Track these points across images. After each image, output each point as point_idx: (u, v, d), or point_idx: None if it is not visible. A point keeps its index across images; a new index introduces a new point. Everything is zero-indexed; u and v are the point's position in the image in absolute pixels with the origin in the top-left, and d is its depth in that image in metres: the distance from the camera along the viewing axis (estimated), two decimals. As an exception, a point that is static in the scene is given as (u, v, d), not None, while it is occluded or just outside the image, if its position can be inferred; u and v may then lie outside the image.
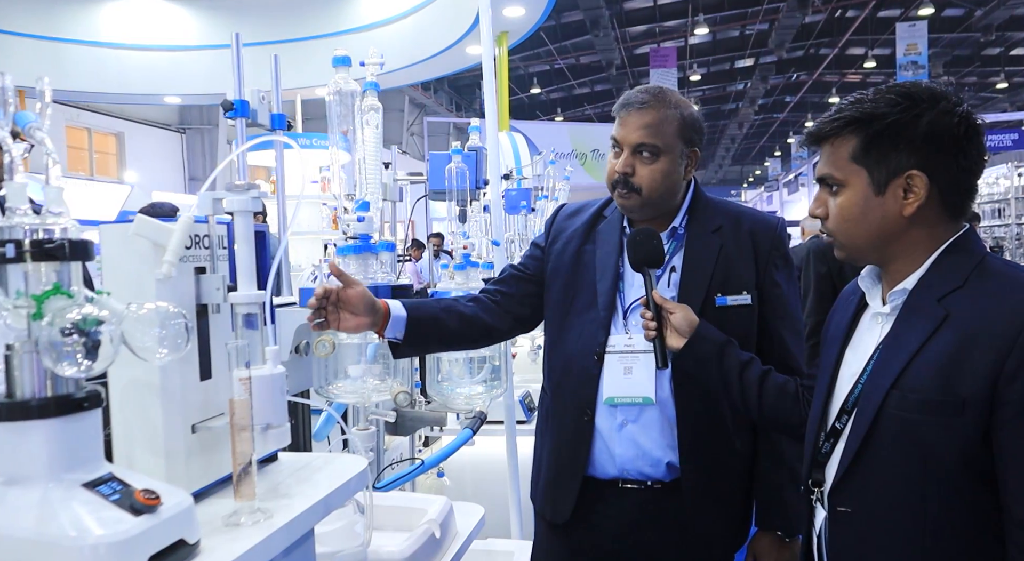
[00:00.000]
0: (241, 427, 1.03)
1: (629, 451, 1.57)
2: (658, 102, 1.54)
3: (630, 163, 1.54)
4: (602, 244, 1.64)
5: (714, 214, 1.63)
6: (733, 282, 1.56)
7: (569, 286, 1.65)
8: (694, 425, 1.55)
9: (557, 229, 1.74)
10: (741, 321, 1.55)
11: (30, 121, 0.89)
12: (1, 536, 0.77)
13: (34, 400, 0.82)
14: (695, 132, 1.59)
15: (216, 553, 0.91)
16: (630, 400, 1.56)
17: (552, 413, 1.69)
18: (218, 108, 5.36)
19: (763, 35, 18.96)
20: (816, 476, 1.24)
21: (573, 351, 1.62)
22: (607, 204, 1.70)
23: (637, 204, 1.57)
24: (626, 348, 1.56)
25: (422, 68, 8.40)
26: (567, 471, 1.62)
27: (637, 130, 1.53)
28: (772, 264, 1.59)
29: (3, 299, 0.83)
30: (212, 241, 1.14)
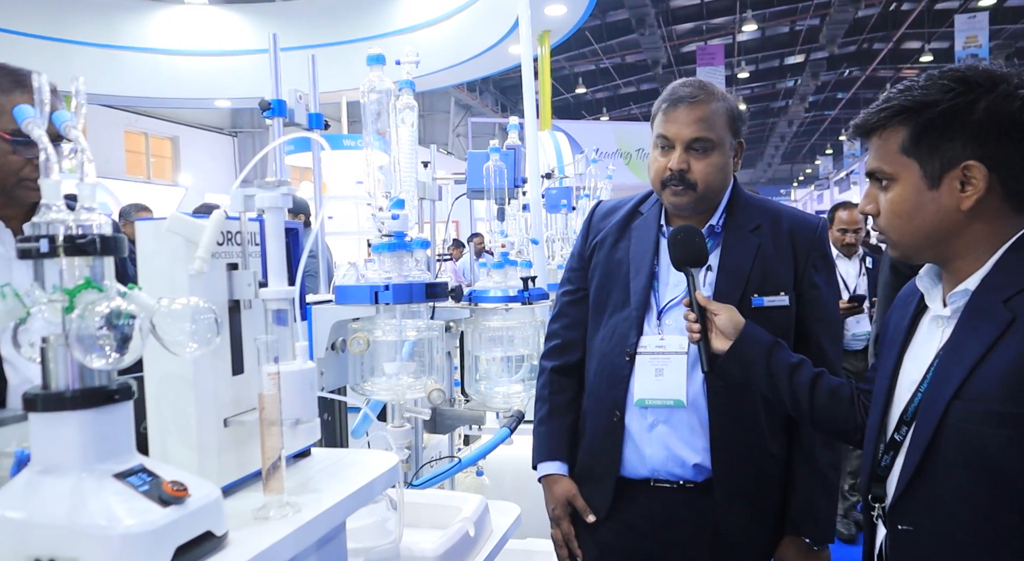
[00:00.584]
0: (270, 422, 1.04)
1: (659, 452, 1.56)
2: (707, 95, 1.53)
3: (684, 159, 1.52)
4: (637, 241, 1.63)
5: (753, 213, 1.60)
6: (771, 282, 1.54)
7: (603, 284, 1.64)
8: (727, 427, 1.53)
9: (595, 231, 1.73)
10: (778, 323, 1.52)
11: (65, 120, 0.91)
12: (35, 523, 0.79)
13: (68, 392, 0.84)
14: (741, 122, 1.59)
15: (243, 545, 0.92)
16: (661, 402, 1.54)
17: (587, 412, 1.69)
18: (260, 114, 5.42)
19: (814, 30, 18.55)
20: (876, 491, 1.18)
21: (604, 351, 1.61)
22: (643, 200, 1.69)
23: (692, 200, 1.54)
24: (658, 349, 1.55)
25: (465, 69, 8.44)
26: (599, 471, 1.63)
27: (690, 125, 1.51)
28: (812, 265, 1.56)
29: (40, 293, 0.85)
30: (244, 237, 1.15)
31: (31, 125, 0.88)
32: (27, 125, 0.88)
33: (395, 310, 1.68)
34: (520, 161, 2.52)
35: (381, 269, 1.68)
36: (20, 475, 0.85)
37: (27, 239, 0.83)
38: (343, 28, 8.13)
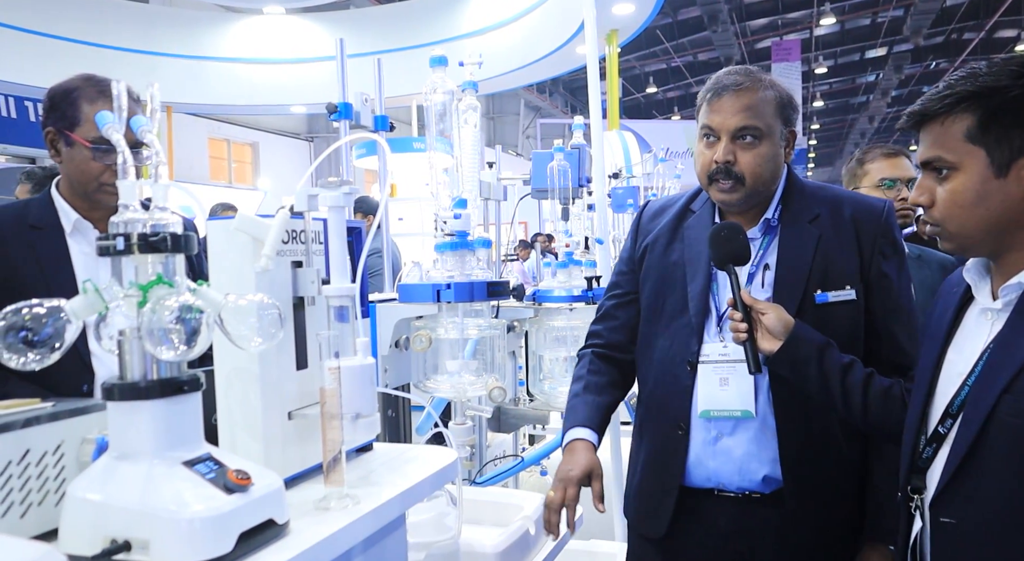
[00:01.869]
0: (331, 415, 1.07)
1: (725, 466, 1.48)
2: (754, 82, 1.44)
3: (731, 150, 1.43)
4: (691, 242, 1.54)
5: (811, 202, 1.50)
6: (834, 276, 1.44)
7: (659, 290, 1.56)
8: (797, 436, 1.44)
9: (644, 232, 1.64)
10: (846, 319, 1.44)
11: (141, 124, 0.96)
12: (111, 506, 0.84)
13: (142, 382, 0.89)
14: (792, 110, 1.49)
15: (304, 534, 0.95)
16: (727, 413, 1.46)
17: (645, 424, 1.61)
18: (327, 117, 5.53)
19: (897, 22, 17.79)
20: (916, 482, 1.16)
21: (664, 360, 1.53)
22: (694, 197, 1.61)
23: (741, 196, 1.46)
24: (721, 357, 1.46)
25: (532, 70, 8.47)
26: (661, 485, 1.54)
27: (736, 114, 1.42)
28: (879, 253, 1.46)
29: (118, 289, 0.90)
30: (308, 236, 1.19)
31: (111, 130, 0.93)
32: (107, 130, 0.93)
33: (457, 309, 1.70)
34: (584, 161, 2.51)
35: (444, 268, 1.70)
36: (99, 460, 0.90)
37: (105, 237, 0.88)
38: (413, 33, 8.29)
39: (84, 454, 0.98)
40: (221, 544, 0.84)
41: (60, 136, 1.58)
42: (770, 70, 16.86)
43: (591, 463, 1.45)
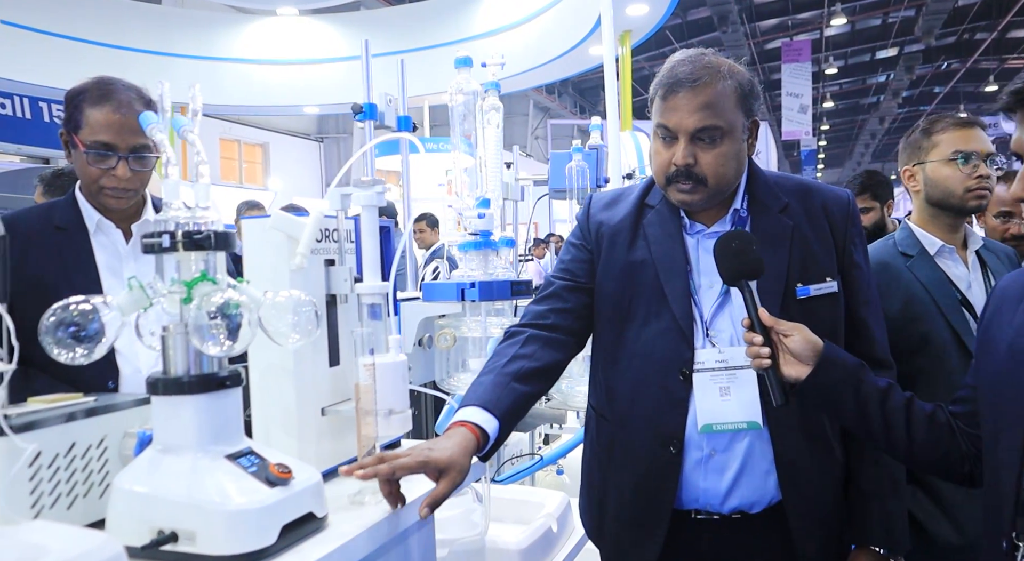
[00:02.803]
0: (366, 411, 1.08)
1: (718, 485, 1.32)
2: (711, 75, 1.28)
3: (691, 151, 1.28)
4: (657, 240, 1.38)
5: (777, 190, 1.39)
6: (813, 268, 1.33)
7: (624, 288, 1.38)
8: (793, 442, 1.32)
9: (596, 223, 1.45)
10: (828, 313, 1.33)
11: (183, 125, 0.97)
12: (158, 498, 0.86)
13: (185, 377, 0.91)
14: (754, 98, 1.34)
15: (341, 528, 0.97)
16: (733, 426, 1.31)
17: (619, 446, 1.40)
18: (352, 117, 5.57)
19: (909, 22, 17.69)
20: (1022, 526, 0.99)
21: (644, 370, 1.35)
22: (646, 191, 1.44)
23: (703, 197, 1.31)
24: (718, 365, 1.30)
25: (546, 70, 8.48)
26: (649, 512, 1.36)
27: (694, 113, 1.27)
28: (851, 242, 1.37)
29: (161, 285, 0.92)
30: (340, 235, 1.21)
31: (154, 130, 0.95)
32: (151, 130, 0.95)
33: (480, 307, 1.71)
34: (602, 161, 2.52)
35: (467, 268, 1.72)
36: (144, 453, 0.92)
37: (150, 235, 0.90)
38: (426, 34, 8.31)
39: (126, 448, 1.00)
40: (266, 536, 0.85)
41: (69, 138, 1.58)
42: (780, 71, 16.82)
43: (453, 460, 1.08)
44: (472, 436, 1.15)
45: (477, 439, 1.16)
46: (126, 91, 1.55)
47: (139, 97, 1.56)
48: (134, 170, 1.55)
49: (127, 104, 1.52)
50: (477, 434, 1.16)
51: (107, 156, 1.53)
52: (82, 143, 1.52)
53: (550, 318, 1.40)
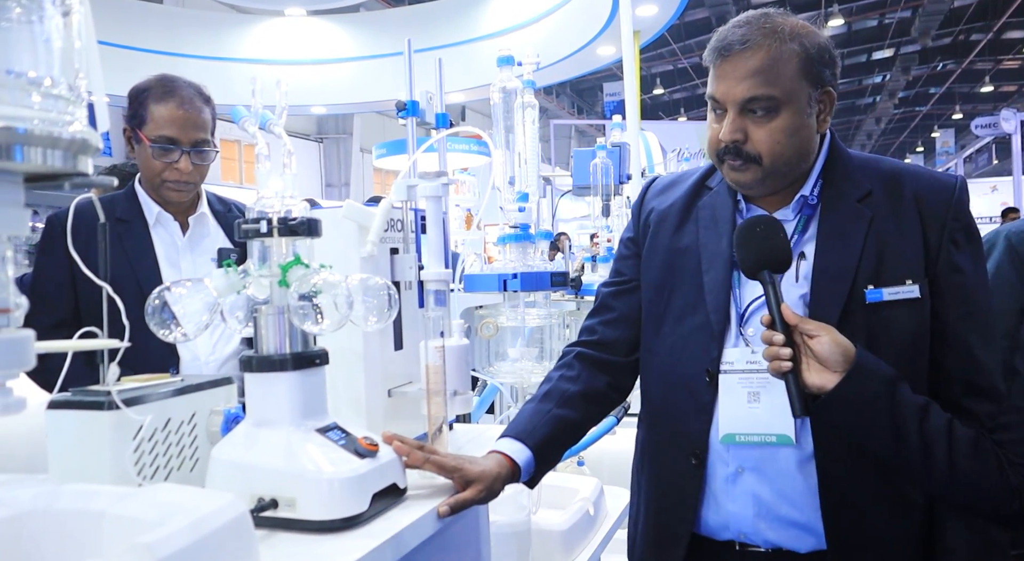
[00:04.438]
0: (435, 391, 1.14)
1: (747, 509, 1.16)
2: (766, 36, 1.12)
3: (739, 126, 1.13)
4: (707, 225, 1.23)
5: (861, 176, 1.19)
6: (891, 269, 1.13)
7: (664, 279, 1.26)
8: (844, 472, 1.11)
9: (647, 210, 1.33)
10: (907, 324, 1.12)
11: (269, 119, 1.03)
12: (257, 467, 0.91)
13: (277, 355, 0.96)
14: (825, 66, 1.15)
15: (420, 499, 1.02)
16: (759, 438, 1.14)
17: (648, 452, 1.30)
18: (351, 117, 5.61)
19: (905, 23, 17.82)
20: None
21: (672, 369, 1.22)
22: (709, 173, 1.30)
23: (757, 176, 1.15)
24: (750, 366, 1.14)
25: (553, 71, 8.55)
26: (668, 531, 1.24)
27: (743, 80, 1.11)
28: (950, 241, 1.14)
29: (254, 269, 0.98)
30: (405, 225, 1.26)
31: (246, 123, 1.00)
32: (242, 123, 1.00)
33: (518, 298, 1.77)
34: (626, 158, 2.59)
35: (506, 259, 1.77)
36: (238, 428, 0.97)
37: (247, 221, 0.96)
38: (432, 35, 8.37)
39: (213, 424, 1.06)
40: (359, 503, 0.91)
41: (133, 133, 1.66)
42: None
43: (484, 474, 1.07)
44: (506, 463, 1.13)
45: (511, 467, 1.14)
46: (188, 88, 1.62)
47: (199, 94, 1.64)
48: (195, 163, 1.62)
49: (189, 100, 1.59)
50: (510, 463, 1.14)
51: (171, 150, 1.60)
52: (147, 138, 1.58)
53: (597, 332, 1.33)
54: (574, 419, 1.25)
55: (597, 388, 1.29)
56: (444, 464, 1.04)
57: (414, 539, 0.94)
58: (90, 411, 0.92)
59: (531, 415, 1.23)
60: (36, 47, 0.64)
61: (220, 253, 1.30)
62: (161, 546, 0.63)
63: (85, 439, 0.92)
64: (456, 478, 1.05)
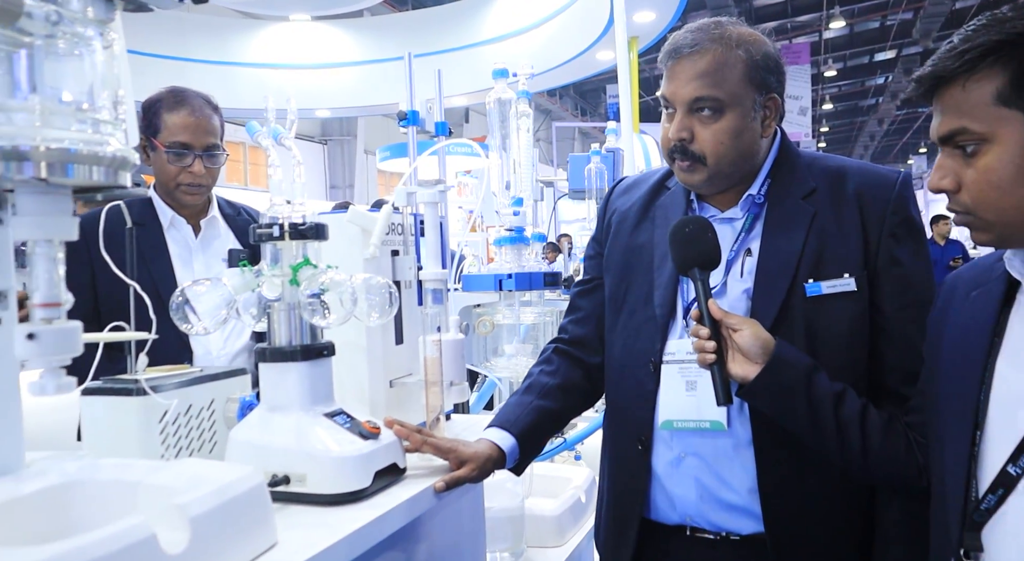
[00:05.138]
0: (433, 382, 1.24)
1: (690, 493, 1.22)
2: (714, 41, 1.18)
3: (686, 125, 1.19)
4: (662, 223, 1.29)
5: (807, 174, 1.24)
6: (830, 263, 1.18)
7: (622, 276, 1.33)
8: (781, 458, 1.17)
9: (611, 211, 1.40)
10: (844, 315, 1.17)
11: (280, 133, 1.13)
12: (271, 447, 1.01)
13: (288, 347, 1.06)
14: (770, 73, 1.21)
15: (418, 479, 1.12)
16: (694, 425, 1.20)
17: (607, 439, 1.38)
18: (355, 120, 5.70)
19: (907, 25, 17.88)
20: (970, 543, 0.90)
21: (624, 361, 1.29)
22: (671, 173, 1.34)
23: (703, 178, 1.21)
24: (690, 357, 1.18)
25: (552, 75, 8.67)
26: (623, 514, 1.30)
27: (690, 82, 1.17)
28: (890, 235, 1.18)
29: (266, 269, 1.08)
30: (405, 228, 1.36)
31: (260, 136, 1.10)
32: (256, 137, 1.11)
33: (514, 297, 1.87)
34: (619, 163, 2.68)
35: (502, 260, 1.87)
36: (254, 412, 1.07)
37: (261, 226, 1.06)
38: (434, 39, 8.50)
39: (229, 411, 1.16)
40: (363, 479, 1.01)
41: (147, 142, 1.76)
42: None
43: (477, 455, 1.17)
44: (494, 448, 1.21)
45: (498, 453, 1.21)
46: (197, 98, 1.74)
47: (208, 103, 1.76)
48: (207, 167, 1.74)
49: (199, 108, 1.71)
50: (497, 449, 1.22)
51: (184, 155, 1.71)
52: (161, 144, 1.69)
53: (568, 331, 1.42)
54: (554, 409, 1.32)
55: (574, 380, 1.36)
56: (440, 445, 1.15)
57: (412, 512, 1.04)
58: (120, 397, 1.03)
59: (514, 407, 1.30)
60: (82, 77, 0.74)
61: (231, 254, 1.39)
62: (192, 507, 0.73)
63: (116, 422, 1.02)
64: (451, 458, 1.15)
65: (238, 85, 8.63)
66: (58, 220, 0.73)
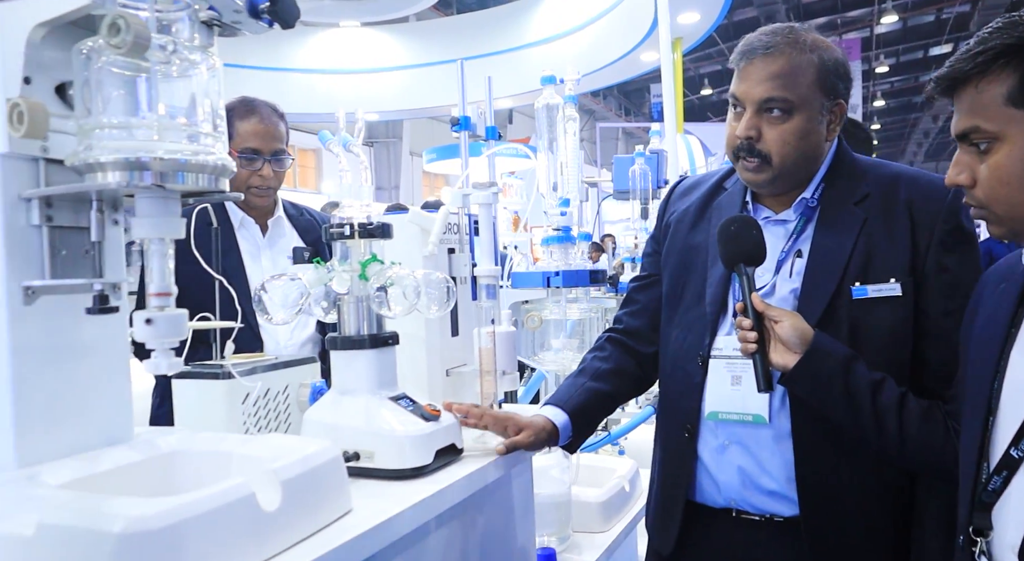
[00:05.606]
0: (487, 371, 1.33)
1: (734, 479, 1.29)
2: (788, 45, 1.23)
3: (754, 124, 1.24)
4: (716, 224, 1.33)
5: (860, 180, 1.29)
6: (877, 267, 1.22)
7: (678, 274, 1.40)
8: (818, 450, 1.23)
9: (670, 212, 1.48)
10: (888, 319, 1.21)
11: (349, 141, 1.23)
12: (343, 426, 1.11)
13: (357, 336, 1.16)
14: (839, 79, 1.27)
15: (476, 458, 1.22)
16: (738, 417, 1.27)
17: (659, 426, 1.46)
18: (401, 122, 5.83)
19: (963, 17, 17.39)
20: (979, 522, 0.94)
21: (676, 354, 1.37)
22: (729, 174, 1.42)
23: (768, 177, 1.26)
24: (736, 353, 1.26)
25: (596, 77, 8.73)
26: (671, 496, 1.38)
27: (762, 82, 1.23)
28: (939, 243, 1.22)
29: (337, 265, 1.18)
30: (460, 228, 1.46)
31: (331, 144, 1.21)
32: (328, 145, 1.21)
33: (561, 293, 1.95)
34: (663, 164, 2.74)
35: (550, 258, 1.96)
36: (326, 395, 1.18)
37: (333, 226, 1.16)
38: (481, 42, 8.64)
39: (302, 395, 1.27)
40: (426, 456, 1.11)
41: None
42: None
43: (533, 423, 1.28)
44: (548, 423, 1.31)
45: (552, 428, 1.31)
46: (265, 106, 1.88)
47: (274, 111, 1.89)
48: (275, 170, 1.88)
49: (268, 116, 1.85)
50: (551, 424, 1.32)
51: (255, 159, 1.85)
52: (234, 150, 1.83)
53: (623, 322, 1.51)
54: (606, 390, 1.41)
55: (626, 367, 1.45)
56: (498, 416, 1.27)
57: (470, 487, 1.13)
58: (209, 380, 1.14)
59: (568, 387, 1.40)
60: (189, 96, 0.85)
61: (295, 251, 1.51)
62: (284, 472, 0.83)
63: (204, 402, 1.14)
64: (510, 424, 1.25)
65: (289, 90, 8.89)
66: (170, 221, 0.84)
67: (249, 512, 0.77)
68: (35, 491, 0.75)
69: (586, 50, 8.23)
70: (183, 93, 0.84)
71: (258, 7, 0.87)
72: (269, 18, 0.88)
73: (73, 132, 0.83)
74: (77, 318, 0.87)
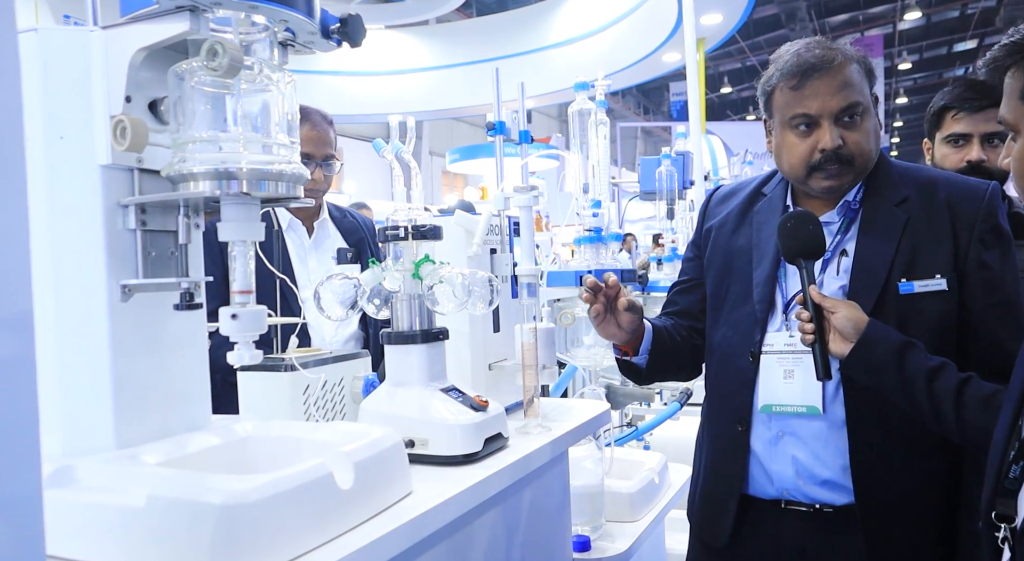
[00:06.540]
0: (529, 365, 1.40)
1: (787, 470, 1.35)
2: (840, 55, 1.33)
3: (838, 133, 1.31)
4: (759, 227, 1.43)
5: (899, 183, 1.36)
6: (922, 264, 1.29)
7: (722, 277, 1.48)
8: (872, 439, 1.29)
9: (711, 216, 1.57)
10: (935, 313, 1.28)
11: (400, 148, 1.31)
12: (398, 416, 1.19)
13: (410, 331, 1.24)
14: (872, 74, 1.38)
15: (520, 446, 1.29)
16: (792, 409, 1.33)
17: (708, 421, 1.53)
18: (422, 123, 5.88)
19: (989, 12, 17.21)
20: (1003, 508, 0.95)
21: (726, 351, 1.44)
22: (766, 181, 1.51)
23: (851, 178, 1.35)
24: (787, 347, 1.33)
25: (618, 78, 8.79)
26: (722, 489, 1.43)
27: (836, 94, 1.30)
28: (979, 240, 1.29)
29: (390, 265, 1.26)
30: (501, 229, 1.53)
31: (385, 151, 1.29)
32: (383, 152, 1.29)
33: (593, 292, 2.02)
34: (689, 165, 2.80)
35: (582, 257, 2.03)
36: (381, 387, 1.25)
37: (389, 228, 1.24)
38: (503, 44, 8.73)
39: (356, 388, 1.35)
40: (475, 444, 1.18)
41: None
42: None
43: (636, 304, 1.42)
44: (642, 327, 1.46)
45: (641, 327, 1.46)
46: (316, 113, 1.96)
47: (324, 117, 1.98)
48: (325, 174, 1.96)
49: (318, 123, 1.94)
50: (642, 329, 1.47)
51: (306, 164, 1.93)
52: None
53: (661, 319, 1.61)
54: (673, 335, 1.54)
55: (684, 335, 1.56)
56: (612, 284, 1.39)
57: (517, 473, 1.20)
58: (272, 373, 1.22)
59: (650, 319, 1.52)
60: (268, 110, 0.93)
61: (339, 252, 1.59)
62: (356, 454, 0.91)
63: (269, 393, 1.22)
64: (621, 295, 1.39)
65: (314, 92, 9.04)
66: (252, 225, 0.92)
67: (328, 490, 0.85)
68: (139, 469, 0.83)
69: (607, 51, 8.29)
70: (263, 107, 0.92)
71: (329, 28, 0.95)
72: (339, 38, 0.96)
73: (163, 144, 0.91)
74: (165, 314, 0.95)
